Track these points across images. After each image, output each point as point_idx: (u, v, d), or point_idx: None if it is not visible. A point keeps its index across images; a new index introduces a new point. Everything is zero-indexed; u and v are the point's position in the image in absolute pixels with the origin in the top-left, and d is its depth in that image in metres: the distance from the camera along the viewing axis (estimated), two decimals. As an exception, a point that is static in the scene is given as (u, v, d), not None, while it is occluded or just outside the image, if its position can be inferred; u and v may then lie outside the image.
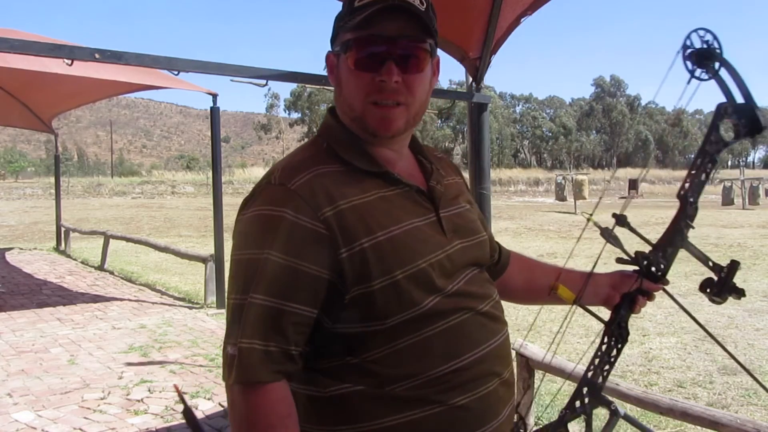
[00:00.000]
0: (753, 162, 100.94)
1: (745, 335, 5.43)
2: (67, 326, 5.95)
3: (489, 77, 4.10)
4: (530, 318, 6.18)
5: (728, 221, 17.92)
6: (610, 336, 1.04)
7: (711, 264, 1.01)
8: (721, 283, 0.99)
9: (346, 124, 1.05)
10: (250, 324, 0.92)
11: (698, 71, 0.99)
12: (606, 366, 1.03)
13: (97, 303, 7.05)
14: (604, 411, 1.10)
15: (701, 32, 0.97)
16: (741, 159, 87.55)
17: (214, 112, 5.77)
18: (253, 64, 2.85)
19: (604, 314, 1.15)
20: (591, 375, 1.02)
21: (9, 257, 10.94)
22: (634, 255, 1.05)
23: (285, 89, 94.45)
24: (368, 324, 0.96)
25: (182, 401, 1.11)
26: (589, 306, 1.16)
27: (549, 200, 29.67)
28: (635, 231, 1.00)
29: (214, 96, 6.12)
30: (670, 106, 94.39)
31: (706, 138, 0.99)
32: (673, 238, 1.02)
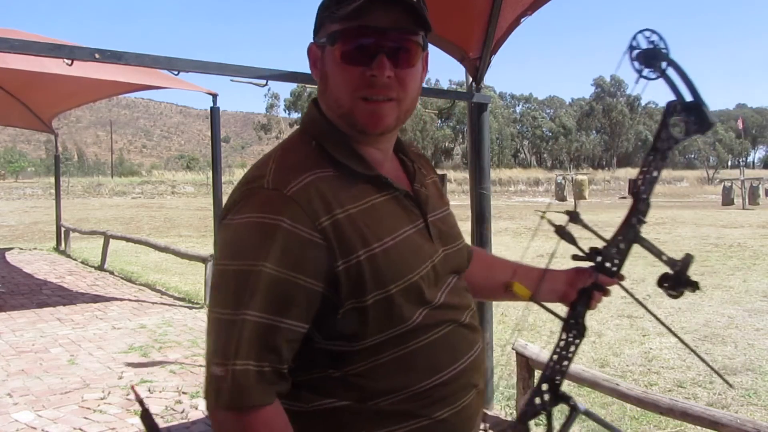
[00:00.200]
0: (753, 162, 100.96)
1: (745, 335, 5.43)
2: (67, 326, 5.95)
3: (489, 77, 4.10)
4: (530, 318, 6.18)
5: (728, 221, 17.90)
6: (568, 332, 1.04)
7: (665, 258, 1.02)
8: (676, 277, 1.02)
9: (333, 121, 0.99)
10: (245, 343, 0.85)
11: (646, 71, 1.00)
12: (564, 362, 1.03)
13: (97, 303, 7.05)
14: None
15: (647, 33, 0.99)
16: (741, 159, 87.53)
17: (214, 112, 5.77)
18: (253, 64, 2.85)
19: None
20: (550, 372, 1.03)
21: (9, 257, 10.94)
22: (589, 251, 1.06)
23: (285, 89, 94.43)
24: (357, 338, 0.92)
25: (140, 404, 1.08)
26: (546, 302, 1.16)
27: (549, 200, 29.66)
28: (588, 227, 1.02)
29: (214, 96, 6.11)
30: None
31: (657, 135, 1.01)
32: (627, 234, 1.03)
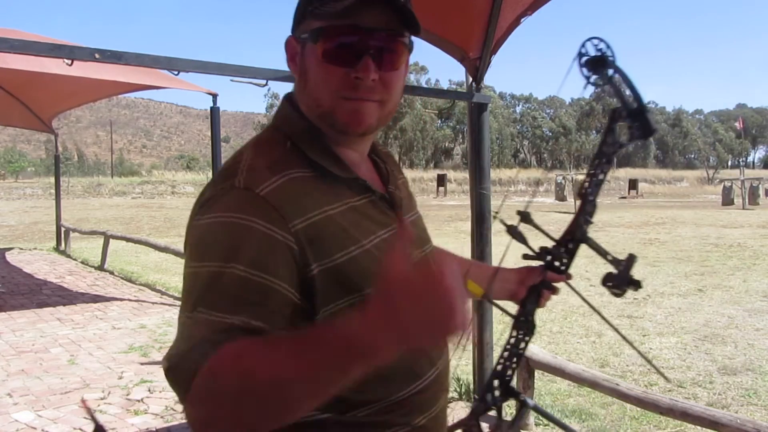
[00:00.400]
0: (753, 162, 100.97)
1: (745, 335, 5.42)
2: (67, 326, 5.94)
3: (489, 77, 4.10)
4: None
5: (728, 221, 17.90)
6: (519, 329, 1.06)
7: (610, 258, 1.04)
8: (621, 277, 1.04)
9: (311, 120, 0.95)
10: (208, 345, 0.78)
11: (593, 77, 1.03)
12: (514, 359, 1.05)
13: (97, 303, 7.04)
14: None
15: (595, 41, 1.01)
16: (741, 159, 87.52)
17: (214, 112, 5.76)
18: (253, 64, 2.85)
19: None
20: (501, 368, 1.04)
21: (9, 257, 10.94)
22: (539, 250, 1.08)
23: (285, 89, 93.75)
24: None
25: (93, 420, 1.07)
26: (498, 300, 1.17)
27: (549, 200, 29.66)
28: (538, 227, 1.04)
29: (214, 96, 6.11)
30: (671, 107, 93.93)
31: (603, 140, 1.03)
32: (575, 234, 1.05)
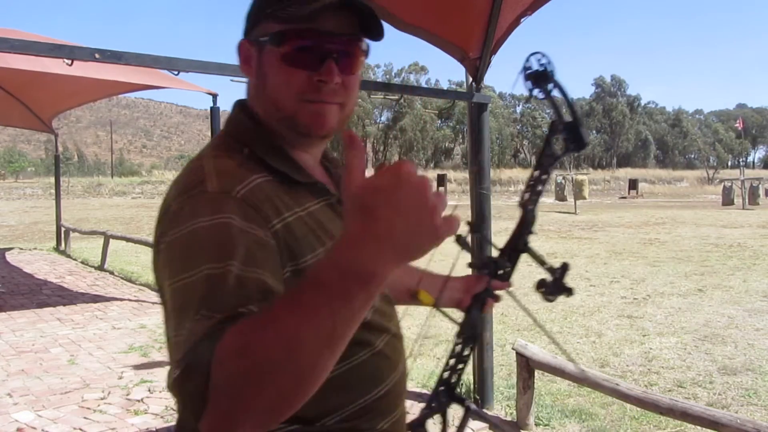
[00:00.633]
0: (753, 162, 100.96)
1: (745, 335, 5.42)
2: (67, 326, 5.94)
3: (489, 77, 4.10)
4: (530, 318, 6.18)
5: (728, 221, 17.90)
6: (463, 337, 1.08)
7: (547, 266, 1.09)
8: (554, 284, 1.08)
9: (269, 124, 0.94)
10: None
11: (535, 91, 1.08)
12: (460, 365, 1.07)
13: (97, 303, 7.04)
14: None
15: (538, 56, 1.07)
16: (741, 159, 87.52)
17: (214, 112, 5.76)
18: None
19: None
20: (447, 375, 1.06)
21: (9, 257, 10.94)
22: (484, 260, 1.12)
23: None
24: None
25: None
26: (445, 308, 1.19)
27: (549, 200, 29.68)
28: (486, 238, 1.09)
29: (214, 96, 6.12)
30: (670, 107, 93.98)
31: (542, 152, 1.08)
32: (517, 243, 1.10)
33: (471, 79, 3.59)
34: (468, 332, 1.07)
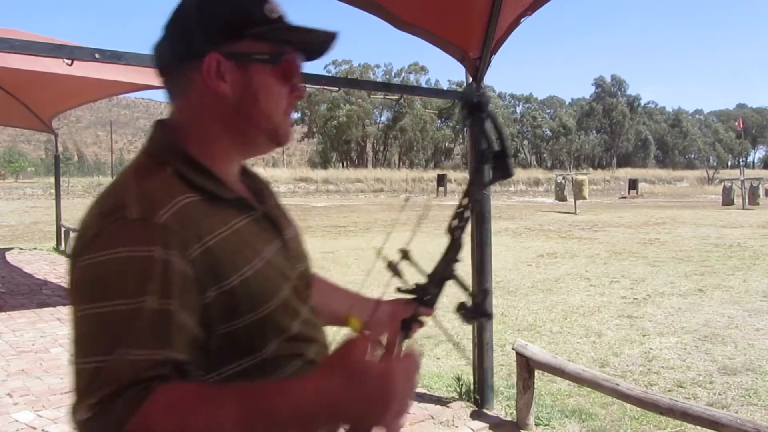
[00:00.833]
0: (753, 162, 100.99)
1: (745, 335, 5.43)
2: (67, 326, 5.93)
3: (489, 77, 4.10)
4: (530, 318, 6.18)
5: (728, 221, 17.90)
6: None
7: (470, 291, 1.16)
8: (474, 308, 1.16)
9: (239, 136, 0.97)
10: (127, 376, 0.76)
11: (469, 120, 1.17)
12: None
13: (97, 303, 7.04)
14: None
15: (475, 89, 1.20)
16: (741, 159, 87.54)
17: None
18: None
19: None
20: None
21: (9, 257, 10.94)
22: (415, 286, 1.17)
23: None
24: (238, 363, 0.89)
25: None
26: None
27: (549, 200, 29.67)
28: (416, 265, 1.14)
29: (214, 96, 6.12)
30: (670, 107, 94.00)
31: (471, 179, 1.15)
32: (444, 271, 1.15)
33: (471, 79, 3.59)
34: None
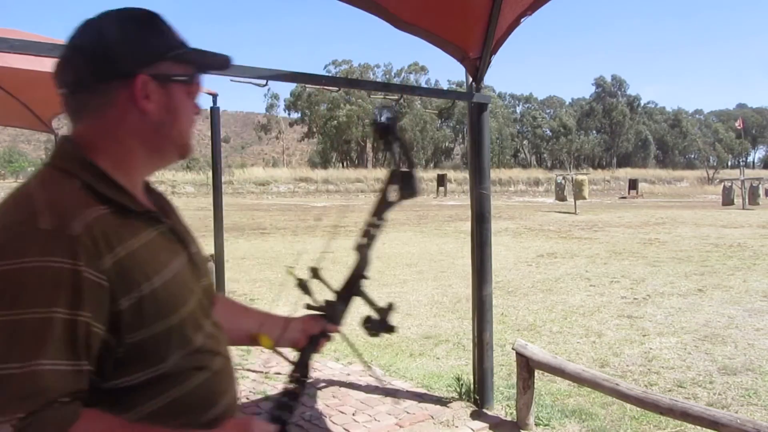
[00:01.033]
0: (753, 162, 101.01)
1: (745, 335, 5.42)
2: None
3: (489, 77, 4.10)
4: (530, 318, 6.18)
5: (728, 221, 17.91)
6: (298, 373, 1.17)
7: (375, 306, 1.22)
8: (378, 322, 1.21)
9: (158, 152, 1.02)
10: (42, 395, 0.80)
11: (381, 141, 1.21)
12: (294, 401, 1.14)
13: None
14: None
15: (385, 111, 1.22)
16: (741, 159, 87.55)
17: (214, 112, 5.76)
18: (253, 64, 2.86)
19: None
20: (278, 413, 1.11)
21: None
22: (324, 303, 1.22)
23: (285, 89, 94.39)
24: (144, 372, 0.92)
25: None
26: (281, 348, 1.27)
27: (549, 200, 29.67)
28: (325, 282, 1.19)
29: (214, 96, 6.11)
30: (670, 107, 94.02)
31: (381, 197, 1.19)
32: (352, 288, 1.20)
33: (471, 79, 3.59)
34: (301, 372, 1.16)
